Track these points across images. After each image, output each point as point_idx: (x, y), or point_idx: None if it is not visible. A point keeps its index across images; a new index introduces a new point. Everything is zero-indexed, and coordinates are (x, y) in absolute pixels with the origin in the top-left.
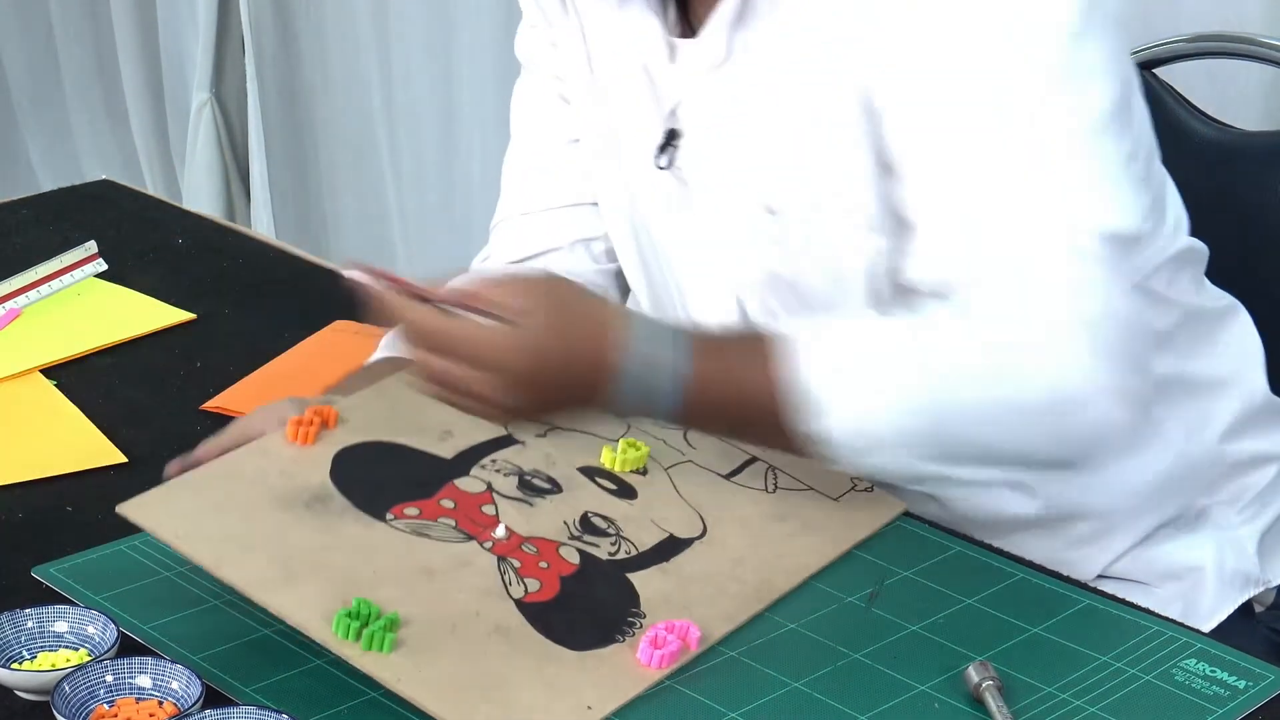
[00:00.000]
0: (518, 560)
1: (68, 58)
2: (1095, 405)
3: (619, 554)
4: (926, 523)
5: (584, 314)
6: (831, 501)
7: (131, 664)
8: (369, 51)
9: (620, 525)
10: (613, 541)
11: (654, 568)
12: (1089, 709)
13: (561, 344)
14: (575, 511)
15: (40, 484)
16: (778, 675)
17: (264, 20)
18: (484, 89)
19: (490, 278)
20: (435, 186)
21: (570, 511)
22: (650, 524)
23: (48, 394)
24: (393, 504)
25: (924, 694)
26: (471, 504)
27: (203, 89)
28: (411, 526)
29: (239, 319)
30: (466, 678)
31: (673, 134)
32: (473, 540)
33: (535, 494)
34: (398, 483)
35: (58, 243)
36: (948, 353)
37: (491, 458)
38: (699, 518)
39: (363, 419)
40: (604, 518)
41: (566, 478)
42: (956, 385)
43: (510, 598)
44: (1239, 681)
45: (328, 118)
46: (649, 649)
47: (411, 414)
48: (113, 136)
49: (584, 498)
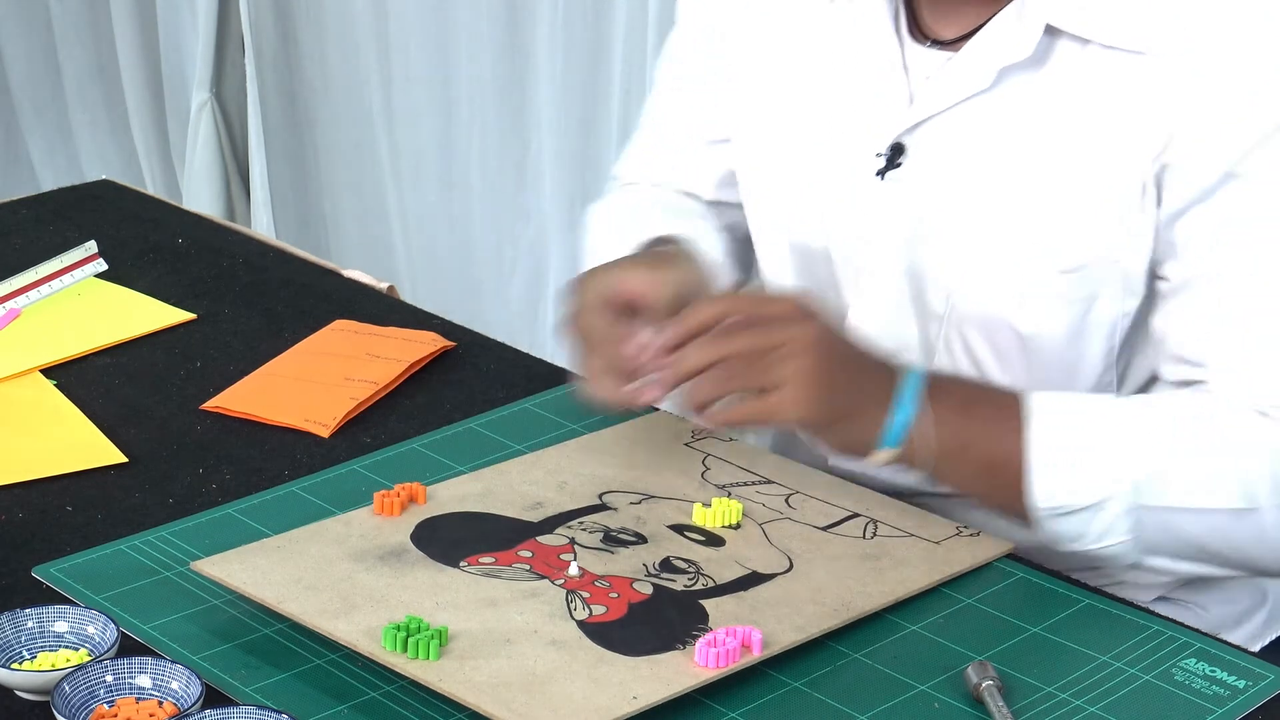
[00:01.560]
0: (587, 592)
1: (68, 58)
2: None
3: (695, 585)
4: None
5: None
6: (932, 544)
7: (131, 664)
8: (369, 51)
9: (701, 565)
10: (690, 577)
11: (730, 595)
12: (1089, 709)
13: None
14: (656, 556)
15: (40, 484)
16: (778, 675)
17: (264, 20)
18: (484, 89)
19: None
20: (435, 186)
21: (651, 556)
22: (733, 563)
23: (48, 394)
24: (468, 555)
25: (924, 694)
26: (550, 553)
27: (203, 89)
28: (484, 571)
29: (239, 319)
30: (509, 676)
31: (899, 149)
32: (544, 579)
33: (618, 545)
34: (477, 539)
35: (58, 243)
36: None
37: (579, 520)
38: (786, 558)
39: (451, 495)
40: (685, 560)
41: (654, 533)
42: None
43: (572, 619)
44: (1239, 681)
45: (328, 118)
46: (705, 649)
47: (503, 491)
48: (113, 136)
49: (668, 546)
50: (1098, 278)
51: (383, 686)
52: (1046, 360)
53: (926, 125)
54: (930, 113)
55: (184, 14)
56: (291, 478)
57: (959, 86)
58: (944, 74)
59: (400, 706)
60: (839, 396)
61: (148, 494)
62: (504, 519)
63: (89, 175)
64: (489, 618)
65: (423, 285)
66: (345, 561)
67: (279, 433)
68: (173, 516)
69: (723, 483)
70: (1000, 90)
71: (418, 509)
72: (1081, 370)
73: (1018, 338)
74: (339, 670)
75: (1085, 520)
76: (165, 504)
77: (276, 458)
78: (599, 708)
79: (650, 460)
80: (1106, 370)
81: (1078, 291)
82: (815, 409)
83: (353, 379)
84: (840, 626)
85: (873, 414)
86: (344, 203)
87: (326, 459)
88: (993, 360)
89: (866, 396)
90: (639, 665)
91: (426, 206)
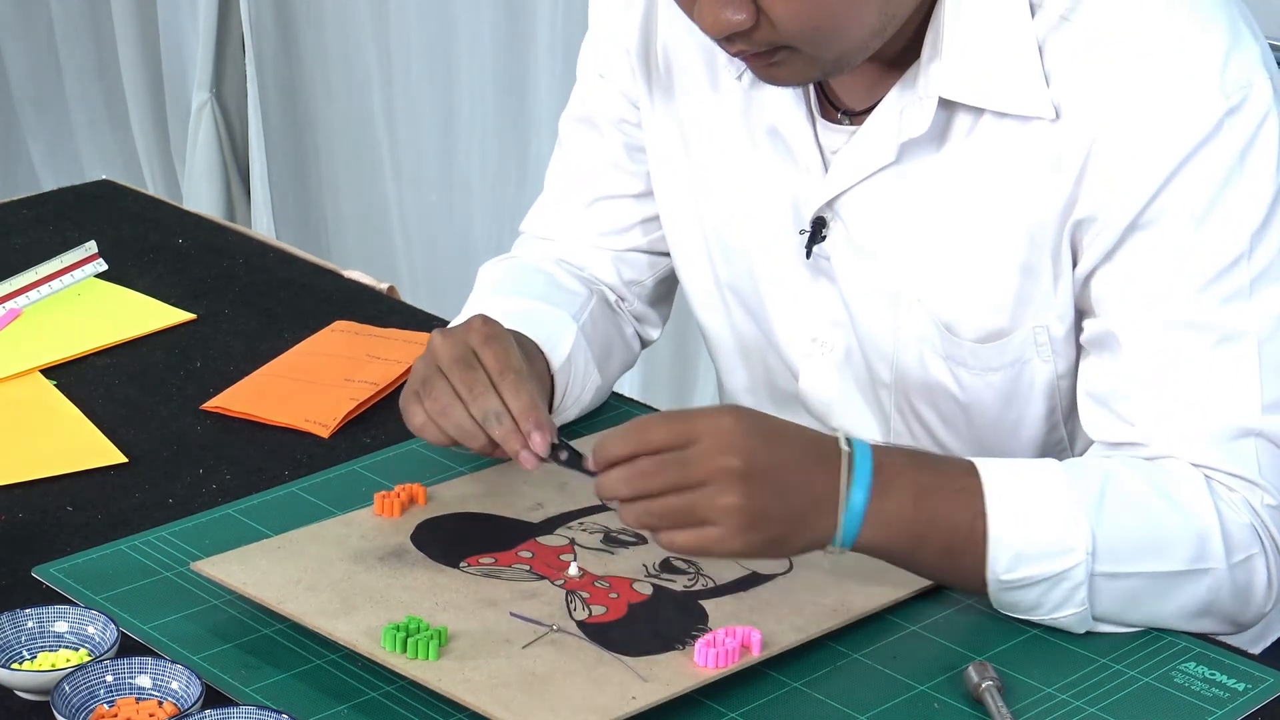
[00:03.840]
0: (587, 593)
1: (68, 58)
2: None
3: (695, 586)
4: None
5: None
6: None
7: (131, 664)
8: (369, 51)
9: (701, 565)
10: (690, 578)
11: (730, 595)
12: (1088, 709)
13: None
14: (656, 556)
15: (40, 484)
16: (778, 675)
17: (264, 20)
18: (484, 89)
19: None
20: (435, 186)
21: (651, 557)
22: (733, 563)
23: (48, 394)
24: (468, 555)
25: (924, 694)
26: (550, 554)
27: (203, 89)
28: (484, 571)
29: (239, 319)
30: (508, 676)
31: (820, 222)
32: (544, 579)
33: (618, 545)
34: (477, 540)
35: (58, 243)
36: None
37: (580, 521)
38: (788, 561)
39: (451, 495)
40: (685, 560)
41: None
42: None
43: (572, 618)
44: (1238, 684)
45: (328, 118)
46: (705, 649)
47: (504, 492)
48: (113, 136)
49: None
50: (1021, 341)
51: (383, 686)
52: (990, 422)
53: (843, 200)
54: (841, 188)
55: (184, 14)
56: (291, 478)
57: (864, 161)
58: (849, 149)
59: (400, 706)
60: (773, 525)
61: (148, 494)
62: (504, 520)
63: (89, 175)
64: (487, 617)
65: (423, 285)
66: (345, 562)
67: (279, 433)
68: (173, 516)
69: None
70: (906, 163)
71: (418, 509)
72: (1024, 431)
73: (958, 404)
74: (339, 670)
75: (1043, 591)
76: (165, 504)
77: (276, 458)
78: (598, 708)
79: None
80: (1053, 429)
81: (1003, 358)
82: (751, 542)
83: (353, 379)
84: (840, 626)
85: (817, 519)
86: (344, 203)
87: (326, 459)
88: (940, 426)
89: (808, 503)
90: (639, 665)
91: (426, 206)
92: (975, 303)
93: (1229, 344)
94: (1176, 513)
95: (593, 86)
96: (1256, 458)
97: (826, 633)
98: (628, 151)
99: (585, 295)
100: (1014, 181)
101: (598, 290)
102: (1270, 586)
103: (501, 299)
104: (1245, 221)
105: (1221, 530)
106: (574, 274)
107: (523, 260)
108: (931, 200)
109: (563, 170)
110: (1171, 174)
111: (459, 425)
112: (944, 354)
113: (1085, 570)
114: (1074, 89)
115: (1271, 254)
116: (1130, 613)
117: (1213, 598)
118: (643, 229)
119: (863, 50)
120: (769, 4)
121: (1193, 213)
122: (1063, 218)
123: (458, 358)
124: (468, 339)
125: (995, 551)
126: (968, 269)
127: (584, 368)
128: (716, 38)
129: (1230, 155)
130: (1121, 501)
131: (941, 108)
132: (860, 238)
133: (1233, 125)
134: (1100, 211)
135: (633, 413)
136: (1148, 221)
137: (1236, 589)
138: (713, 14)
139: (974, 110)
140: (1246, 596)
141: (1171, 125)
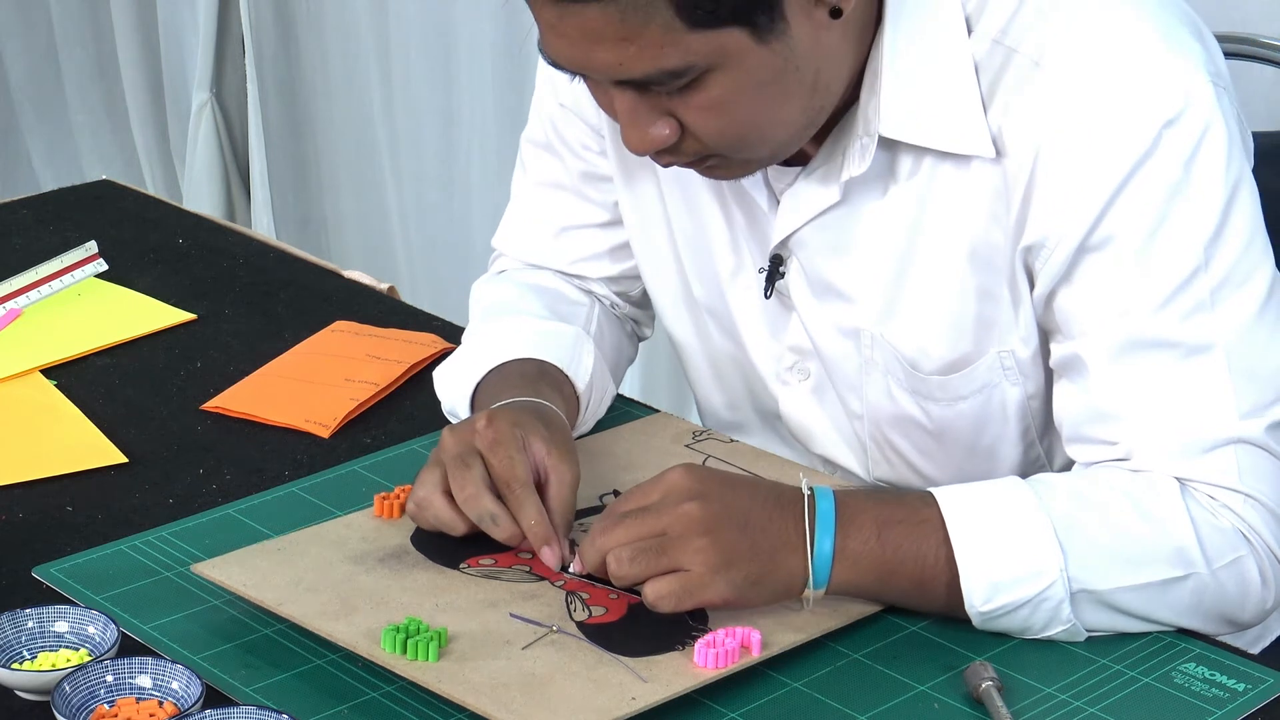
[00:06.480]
0: (587, 593)
1: (68, 58)
2: (1263, 609)
3: None
4: None
5: (736, 473)
6: None
7: (131, 664)
8: (369, 51)
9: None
10: None
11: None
12: (1088, 709)
13: (740, 474)
14: None
15: (40, 484)
16: (778, 675)
17: (264, 20)
18: (484, 89)
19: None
20: (435, 186)
21: None
22: None
23: (48, 394)
24: (468, 556)
25: (924, 694)
26: None
27: (203, 89)
28: (484, 572)
29: (239, 319)
30: (508, 677)
31: (778, 260)
32: (544, 580)
33: None
34: (477, 541)
35: (58, 243)
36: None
37: (580, 521)
38: None
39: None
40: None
41: None
42: (1128, 573)
43: (572, 619)
44: (1238, 684)
45: (328, 118)
46: (705, 650)
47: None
48: (113, 137)
49: None
50: (988, 367)
51: (383, 687)
52: (965, 448)
53: (795, 239)
54: (792, 228)
55: (184, 14)
56: (291, 478)
57: (811, 202)
58: (795, 190)
59: (400, 707)
60: (744, 562)
61: (148, 494)
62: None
63: (89, 175)
64: (487, 618)
65: (423, 286)
66: (345, 563)
67: (279, 433)
68: (173, 517)
69: None
70: (854, 202)
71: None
72: (1002, 453)
73: (929, 434)
74: (339, 670)
75: (1027, 615)
76: (165, 504)
77: (276, 458)
78: (598, 708)
79: (650, 461)
80: (1030, 448)
81: (971, 385)
82: (732, 580)
83: (353, 380)
84: (840, 627)
85: (786, 558)
86: (344, 203)
87: (326, 459)
88: (916, 454)
89: (776, 541)
90: (638, 666)
91: (426, 206)
92: (936, 335)
93: (1196, 357)
94: (1149, 524)
95: (553, 114)
96: (1237, 464)
97: (826, 633)
98: (590, 181)
99: (588, 304)
100: (962, 215)
101: (594, 295)
102: (1266, 584)
103: (511, 319)
104: (1196, 234)
105: (1198, 537)
106: (571, 283)
107: (517, 276)
108: (882, 237)
109: (529, 194)
110: (1114, 195)
111: (437, 516)
112: (909, 389)
113: (1063, 588)
114: (1012, 116)
115: (1230, 261)
116: (1122, 622)
117: (1198, 600)
118: (611, 257)
119: (796, 141)
120: (689, 120)
121: (1141, 231)
122: (1013, 243)
123: (456, 456)
124: (473, 441)
125: (969, 585)
126: (925, 303)
127: (603, 383)
128: (643, 155)
129: (1173, 168)
130: (1092, 517)
131: (884, 147)
132: (816, 275)
133: (1172, 137)
134: (1048, 236)
135: (633, 413)
136: (1097, 243)
137: (1224, 592)
138: (637, 134)
139: (916, 149)
140: (1240, 598)
141: (1108, 146)
